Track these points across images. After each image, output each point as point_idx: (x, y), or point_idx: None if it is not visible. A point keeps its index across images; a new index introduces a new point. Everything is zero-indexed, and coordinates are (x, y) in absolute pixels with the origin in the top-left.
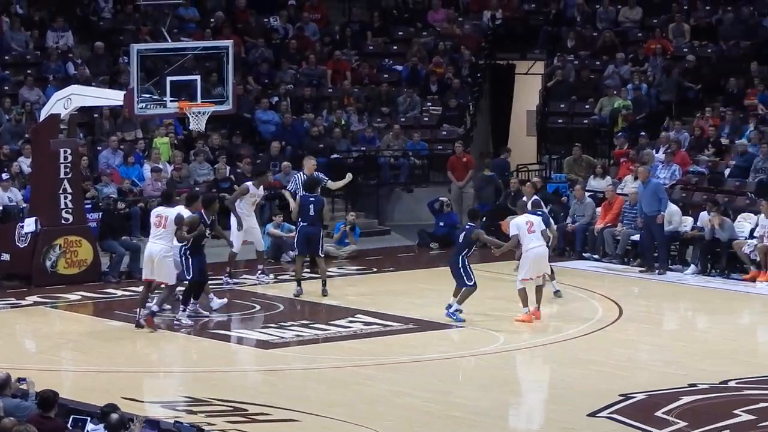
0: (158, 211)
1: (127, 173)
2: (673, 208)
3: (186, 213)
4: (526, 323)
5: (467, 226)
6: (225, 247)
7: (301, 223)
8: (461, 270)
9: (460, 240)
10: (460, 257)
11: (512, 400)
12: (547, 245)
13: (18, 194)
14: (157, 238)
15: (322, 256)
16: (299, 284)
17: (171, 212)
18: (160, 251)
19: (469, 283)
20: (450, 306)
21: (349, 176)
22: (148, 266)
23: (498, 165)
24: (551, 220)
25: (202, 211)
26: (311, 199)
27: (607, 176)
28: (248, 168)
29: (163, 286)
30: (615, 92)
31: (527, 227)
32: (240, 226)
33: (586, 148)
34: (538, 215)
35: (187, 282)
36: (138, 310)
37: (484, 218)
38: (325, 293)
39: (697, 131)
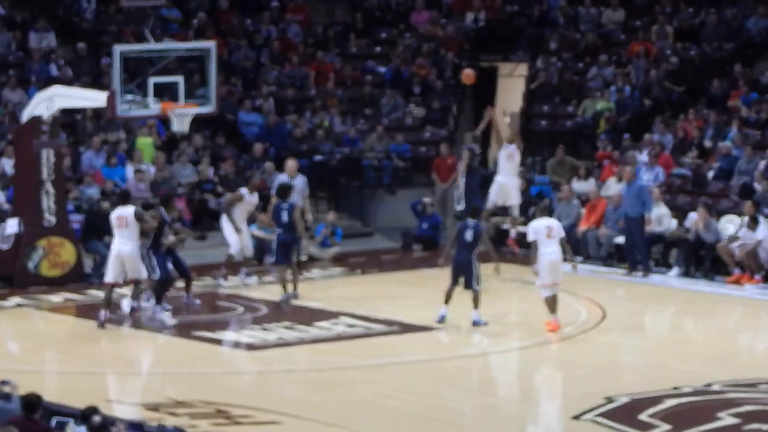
0: (117, 212)
1: (110, 174)
2: (663, 209)
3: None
4: (554, 332)
5: (475, 224)
6: (218, 248)
7: (277, 230)
8: (475, 271)
9: (470, 239)
10: (474, 257)
11: (496, 403)
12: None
13: (0, 195)
14: (124, 239)
15: (303, 258)
16: (286, 289)
17: (129, 211)
18: (130, 252)
19: (478, 287)
20: (476, 322)
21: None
22: (115, 268)
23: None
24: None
25: (162, 209)
26: (283, 205)
27: (591, 178)
28: (231, 170)
29: (136, 283)
30: (598, 94)
31: (546, 232)
32: (237, 230)
33: (569, 151)
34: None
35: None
36: (102, 312)
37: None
38: (296, 296)
39: (680, 133)
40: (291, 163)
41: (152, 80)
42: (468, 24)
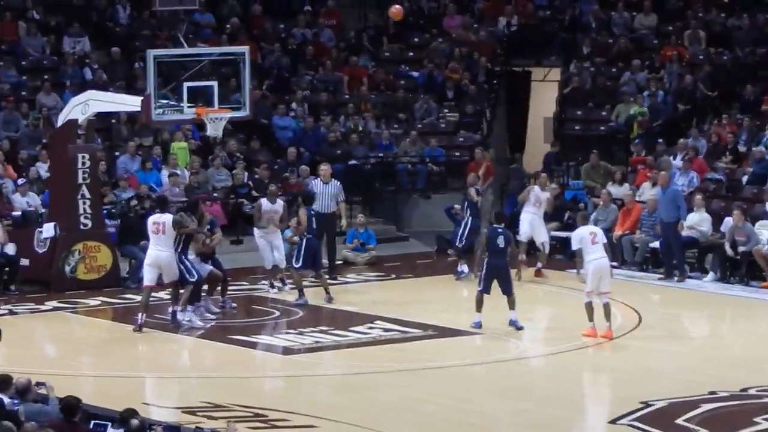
0: (154, 218)
1: (145, 179)
2: (704, 215)
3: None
4: (591, 337)
5: (504, 230)
6: (252, 253)
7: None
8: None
9: (504, 244)
10: (508, 261)
11: (531, 408)
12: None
13: (36, 199)
14: (160, 245)
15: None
16: (302, 293)
17: (167, 218)
18: (167, 257)
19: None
20: (514, 322)
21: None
22: (152, 272)
23: (515, 171)
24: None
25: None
26: (311, 212)
27: (626, 183)
28: (266, 174)
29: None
30: (631, 99)
31: (590, 238)
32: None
33: (603, 155)
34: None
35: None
36: (140, 315)
37: None
38: (330, 300)
39: (714, 138)
40: (325, 168)
41: (186, 85)
42: (500, 29)
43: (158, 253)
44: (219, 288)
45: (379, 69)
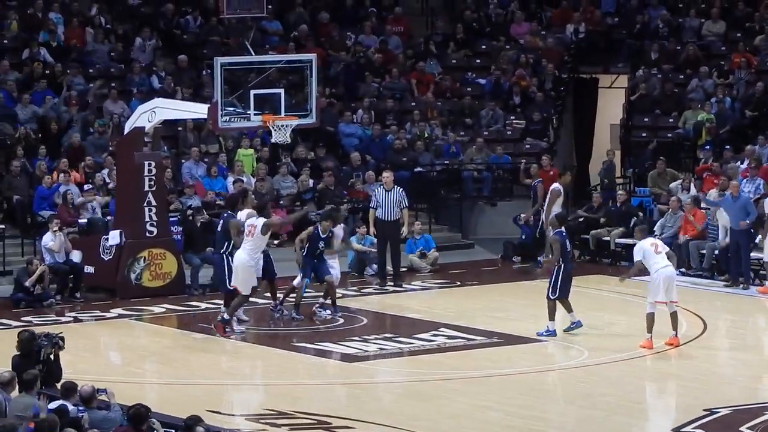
0: (251, 221)
1: (211, 185)
2: None
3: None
4: (647, 349)
5: (565, 234)
6: None
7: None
8: None
9: (570, 248)
10: None
11: (595, 415)
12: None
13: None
14: (244, 245)
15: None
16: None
17: (259, 222)
18: (242, 259)
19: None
20: (576, 324)
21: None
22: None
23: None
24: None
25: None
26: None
27: (692, 189)
28: (331, 181)
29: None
30: (699, 105)
31: (653, 249)
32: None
33: (669, 162)
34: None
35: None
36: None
37: None
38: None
39: None
40: (387, 175)
41: (253, 92)
42: (568, 35)
43: (239, 252)
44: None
45: (445, 76)
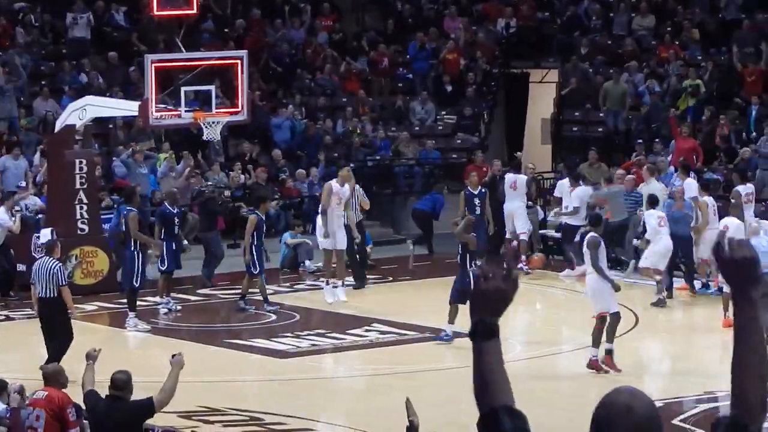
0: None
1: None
2: None
3: None
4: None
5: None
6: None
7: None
8: None
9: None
10: None
11: (527, 409)
12: None
13: (38, 200)
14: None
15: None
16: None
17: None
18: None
19: None
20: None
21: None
22: None
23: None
24: None
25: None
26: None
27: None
28: (263, 176)
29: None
30: (630, 100)
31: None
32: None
33: (601, 156)
34: None
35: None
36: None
37: None
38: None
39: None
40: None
41: (184, 89)
42: (499, 30)
43: None
44: None
45: (376, 71)
